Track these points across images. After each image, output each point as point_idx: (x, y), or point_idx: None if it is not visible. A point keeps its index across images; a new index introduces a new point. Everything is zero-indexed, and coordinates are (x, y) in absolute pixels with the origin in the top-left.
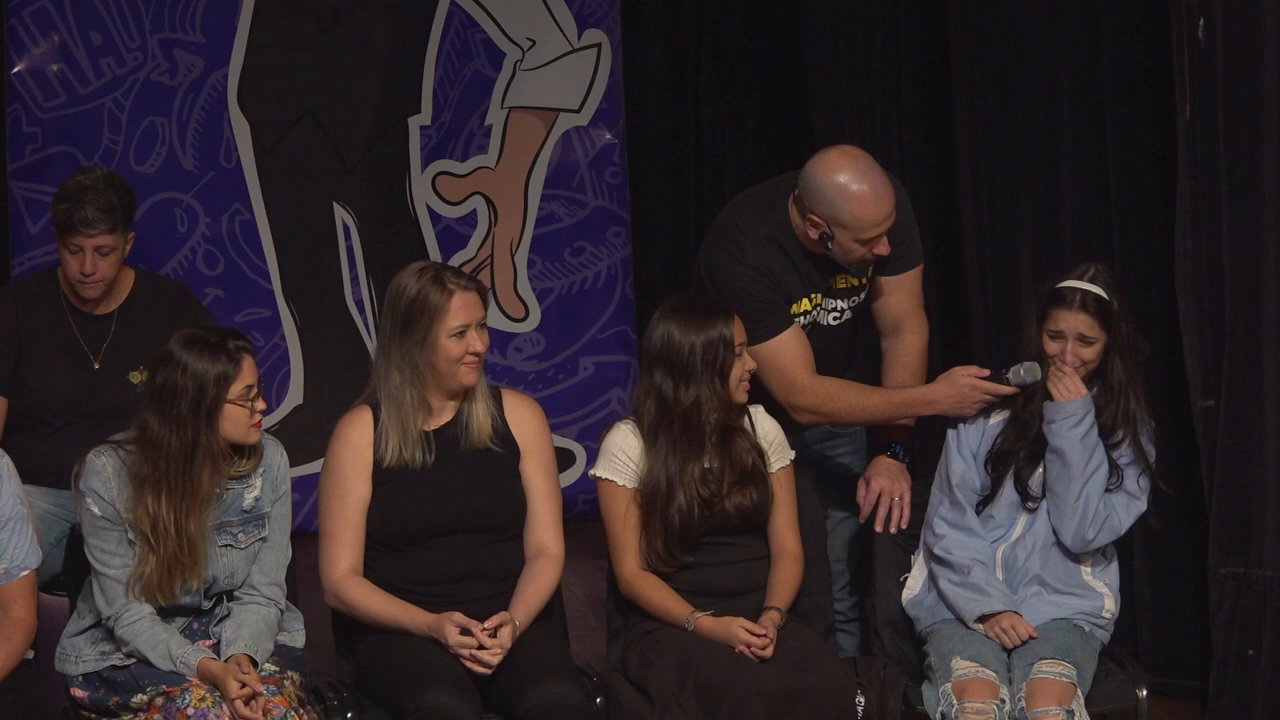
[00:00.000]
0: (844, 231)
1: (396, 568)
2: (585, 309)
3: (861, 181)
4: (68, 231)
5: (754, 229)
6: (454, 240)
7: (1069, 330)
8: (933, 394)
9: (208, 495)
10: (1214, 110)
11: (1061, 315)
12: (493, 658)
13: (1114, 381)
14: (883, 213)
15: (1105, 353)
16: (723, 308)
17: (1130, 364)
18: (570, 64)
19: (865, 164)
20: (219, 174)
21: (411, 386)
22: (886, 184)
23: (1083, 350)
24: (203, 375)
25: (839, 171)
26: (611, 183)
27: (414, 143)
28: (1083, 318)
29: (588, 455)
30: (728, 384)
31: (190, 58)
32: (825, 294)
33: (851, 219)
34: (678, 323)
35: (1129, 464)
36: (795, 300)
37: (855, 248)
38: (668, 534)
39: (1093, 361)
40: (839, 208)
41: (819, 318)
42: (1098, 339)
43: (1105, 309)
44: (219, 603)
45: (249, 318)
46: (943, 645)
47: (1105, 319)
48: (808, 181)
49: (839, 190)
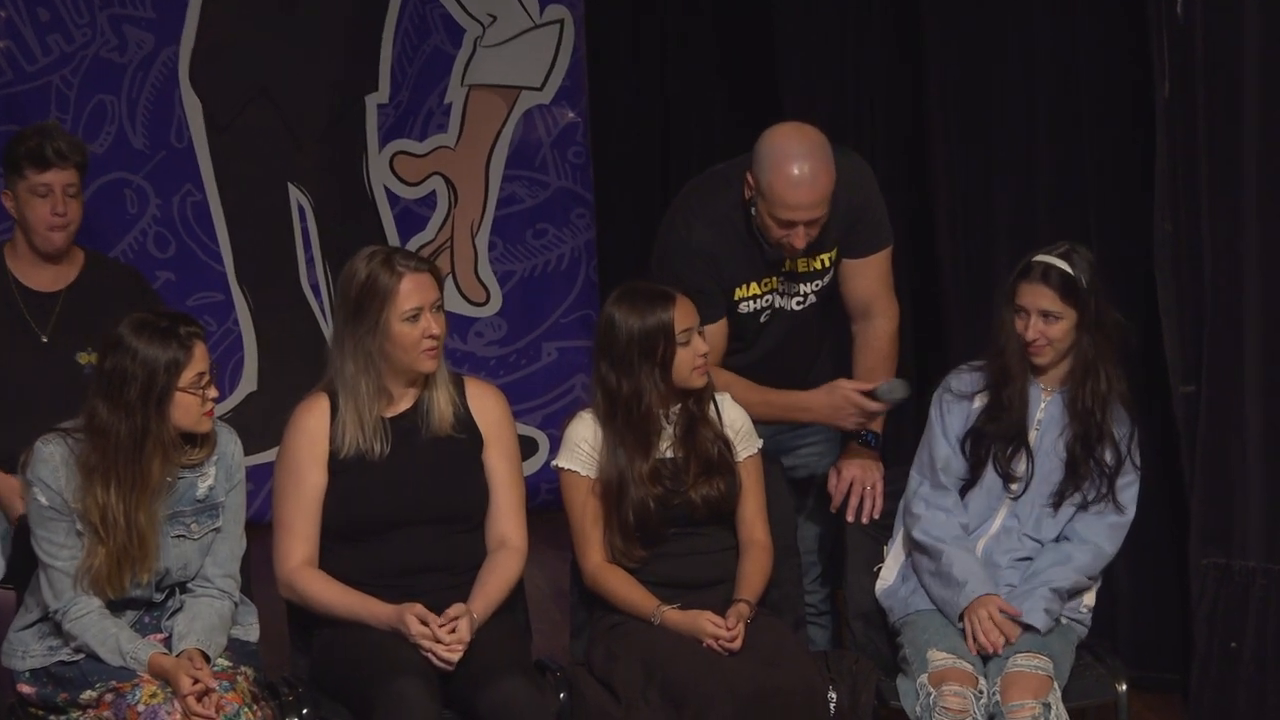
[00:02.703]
0: (764, 202)
1: (353, 560)
2: (548, 293)
3: (799, 161)
4: (39, 165)
5: (708, 206)
6: (412, 222)
7: (1030, 305)
8: (810, 401)
9: (158, 485)
10: (1193, 88)
11: (1024, 289)
12: (452, 654)
13: (1082, 360)
14: (802, 199)
15: (1076, 332)
16: (666, 293)
17: (1102, 343)
18: (532, 40)
19: (813, 147)
20: (170, 154)
21: (366, 375)
22: (823, 177)
23: (1047, 328)
24: (153, 362)
25: (785, 142)
26: (575, 163)
27: (371, 122)
28: (1044, 291)
29: (551, 443)
30: (669, 374)
31: (140, 34)
32: (788, 278)
33: (770, 190)
34: (620, 309)
35: (1113, 472)
36: (741, 284)
37: (770, 225)
38: (623, 530)
39: (1061, 340)
40: (766, 174)
41: (780, 303)
42: (1063, 315)
43: (1070, 284)
44: (171, 595)
45: (201, 302)
46: (918, 637)
47: (1071, 295)
48: (758, 144)
49: (774, 158)
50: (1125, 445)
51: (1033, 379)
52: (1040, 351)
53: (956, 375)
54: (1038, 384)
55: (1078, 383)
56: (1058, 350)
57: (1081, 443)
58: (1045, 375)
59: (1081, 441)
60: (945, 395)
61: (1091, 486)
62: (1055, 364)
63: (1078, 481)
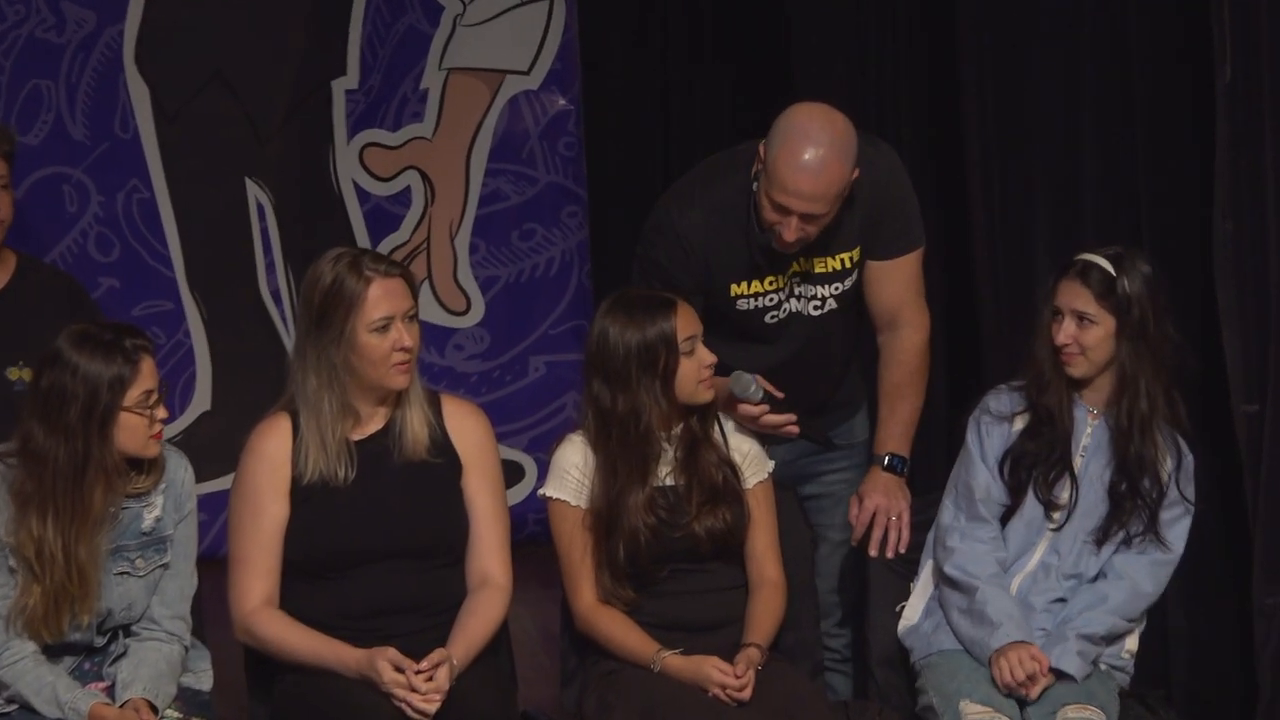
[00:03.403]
0: (765, 178)
1: (318, 599)
2: (536, 301)
3: (813, 146)
4: None
5: (709, 191)
6: (384, 222)
7: (1065, 305)
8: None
9: (100, 516)
10: (1258, 71)
11: (1062, 287)
12: (429, 704)
13: (1120, 375)
14: (801, 185)
15: (1115, 343)
16: (666, 299)
17: (1145, 356)
18: (518, 19)
19: (834, 138)
20: (114, 145)
21: (331, 391)
22: (833, 171)
23: (1081, 332)
24: (95, 379)
25: (806, 121)
26: (566, 155)
27: (338, 110)
28: (1080, 291)
29: (539, 469)
30: (672, 389)
31: (81, 11)
32: (801, 279)
33: (773, 167)
34: (614, 321)
35: (1155, 504)
36: (737, 281)
37: (765, 204)
38: (613, 567)
39: (1095, 349)
40: (775, 149)
41: (796, 307)
42: (1098, 320)
43: (1110, 286)
44: (114, 639)
45: (148, 311)
46: (945, 683)
47: (1109, 298)
48: (780, 115)
49: (789, 134)
50: (1172, 475)
51: (1078, 399)
52: (1071, 359)
53: (995, 395)
54: (1083, 404)
55: (1117, 401)
56: (1092, 361)
57: (1122, 472)
58: (1091, 394)
59: (1121, 470)
60: (984, 417)
61: (1136, 520)
62: (1094, 377)
63: (1121, 518)
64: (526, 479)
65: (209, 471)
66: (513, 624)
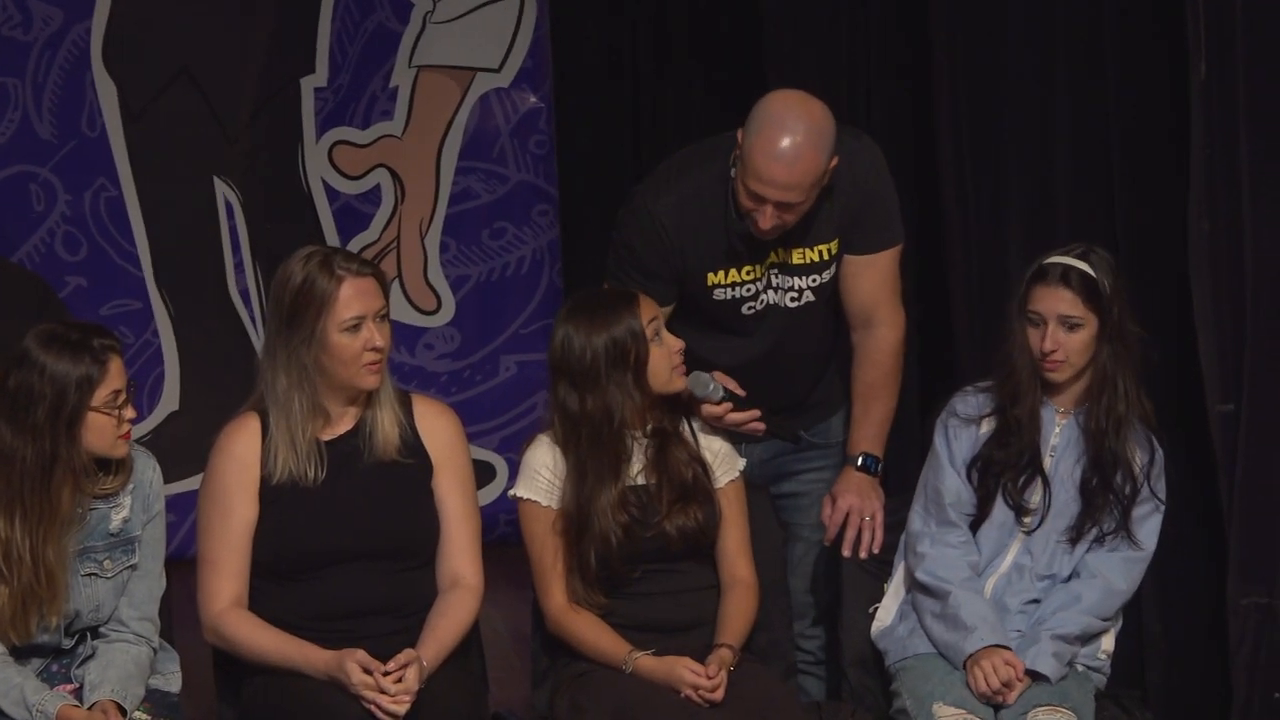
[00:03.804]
0: (741, 165)
1: (287, 600)
2: (507, 300)
3: (789, 135)
4: None
5: (686, 178)
6: (354, 220)
7: (1048, 311)
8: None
9: (68, 517)
10: (1233, 68)
11: (1040, 293)
12: (398, 706)
13: (1100, 374)
14: (775, 174)
15: (1096, 344)
16: (625, 293)
17: (1123, 355)
18: (489, 16)
19: (811, 127)
20: (81, 144)
21: (301, 390)
22: (808, 161)
23: (1068, 337)
24: (63, 379)
25: (783, 110)
26: (537, 154)
27: (307, 108)
28: (1065, 294)
29: (510, 469)
30: (644, 379)
31: (47, 9)
32: (779, 270)
33: (749, 154)
34: (577, 325)
35: (1128, 502)
36: (714, 269)
37: (741, 192)
38: (584, 571)
39: (1080, 353)
40: (751, 136)
41: (773, 299)
42: (1084, 322)
43: (1093, 287)
44: (82, 641)
45: (116, 310)
46: (919, 686)
47: (1094, 299)
48: (759, 100)
49: (765, 121)
50: (1144, 473)
51: (1045, 399)
52: (1056, 366)
53: (962, 398)
54: (1051, 405)
55: (1094, 400)
56: (1074, 366)
57: (1095, 468)
58: (1060, 395)
59: (1095, 467)
60: (951, 420)
61: (1109, 517)
62: (1072, 381)
63: (1095, 515)
64: (497, 479)
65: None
66: (484, 625)
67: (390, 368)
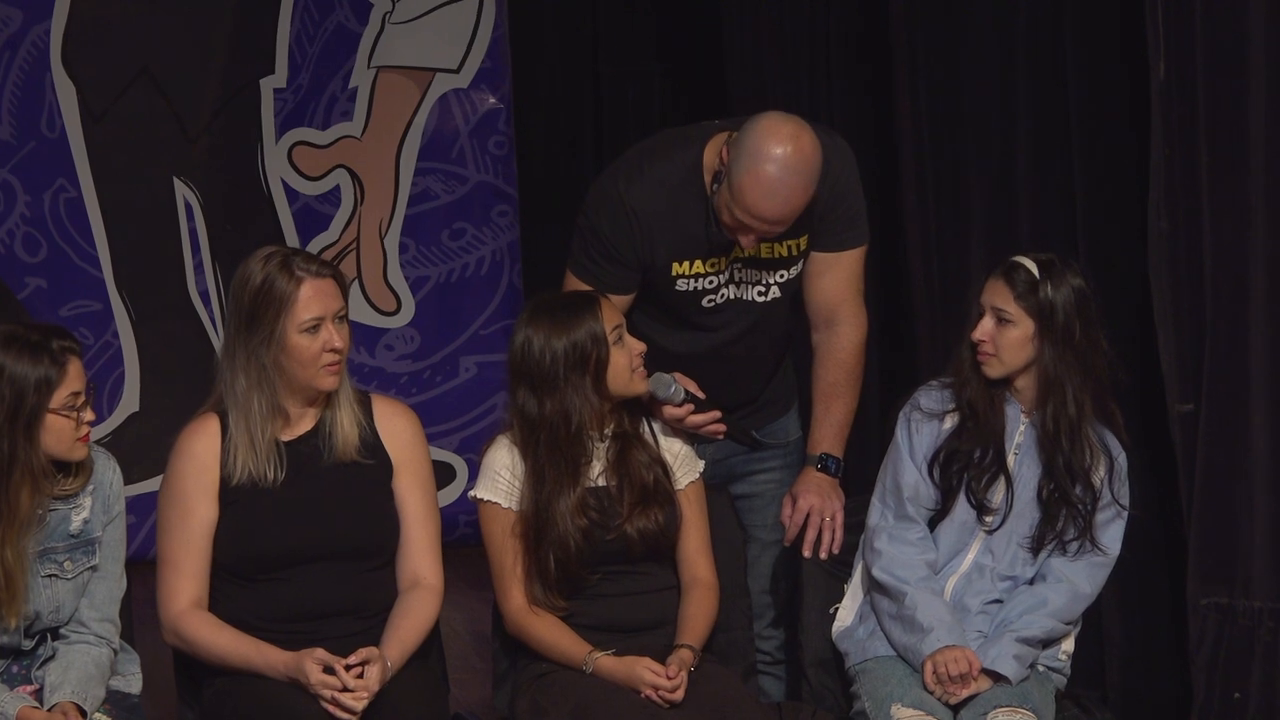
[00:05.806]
0: (729, 189)
1: (248, 601)
2: (466, 300)
3: (782, 172)
4: None
5: (658, 167)
6: (313, 221)
7: (985, 301)
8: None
9: (27, 518)
10: (1192, 69)
11: (988, 284)
12: (357, 702)
13: (1044, 377)
14: (765, 212)
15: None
16: (587, 295)
17: (1071, 360)
18: (448, 16)
19: (801, 161)
20: (40, 144)
21: (260, 391)
22: (798, 199)
23: (996, 330)
24: (21, 380)
25: (775, 144)
26: (496, 154)
27: (267, 108)
28: (1001, 289)
29: (470, 470)
30: (604, 383)
31: (6, 9)
32: (747, 264)
33: (738, 186)
34: (536, 327)
35: (1089, 509)
36: (680, 260)
37: (725, 211)
38: (543, 576)
39: (1010, 350)
40: (741, 167)
41: (736, 293)
42: (1016, 321)
43: (1033, 288)
44: (42, 642)
45: (76, 312)
46: (878, 688)
47: (1029, 300)
48: (750, 123)
49: (756, 155)
50: (1105, 477)
51: (1010, 397)
52: (985, 359)
53: (926, 392)
54: (1015, 403)
55: (1042, 404)
56: (1006, 363)
57: (1049, 476)
58: (1020, 394)
59: (1049, 475)
60: (914, 414)
61: (1071, 527)
62: (1012, 378)
63: (1054, 524)
64: (457, 480)
65: (138, 473)
66: (444, 625)
67: (350, 369)
